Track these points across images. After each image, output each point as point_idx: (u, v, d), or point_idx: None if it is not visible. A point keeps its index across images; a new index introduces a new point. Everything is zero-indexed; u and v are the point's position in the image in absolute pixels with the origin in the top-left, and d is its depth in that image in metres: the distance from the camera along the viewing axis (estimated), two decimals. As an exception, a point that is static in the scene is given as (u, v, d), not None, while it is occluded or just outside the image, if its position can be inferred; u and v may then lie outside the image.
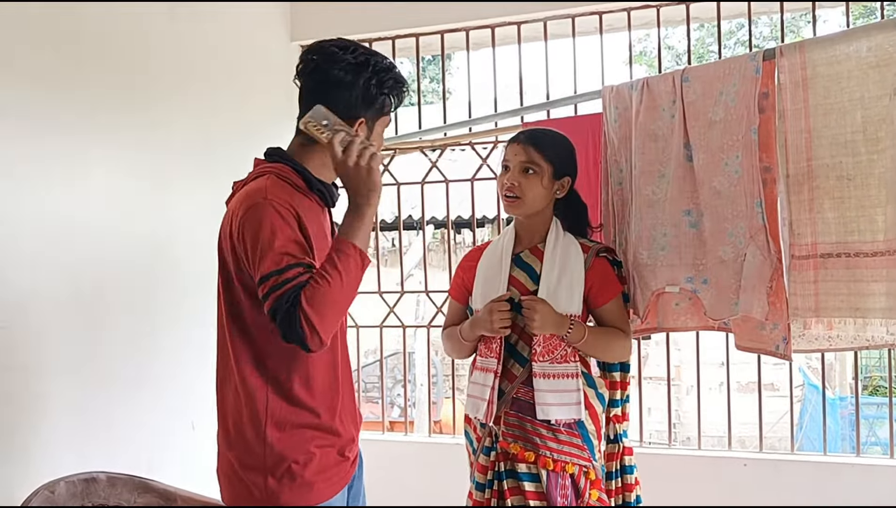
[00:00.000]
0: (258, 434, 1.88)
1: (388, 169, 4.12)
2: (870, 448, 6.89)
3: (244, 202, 1.85)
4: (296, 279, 1.76)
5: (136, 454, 3.00)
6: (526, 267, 2.49)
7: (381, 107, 1.97)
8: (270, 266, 1.76)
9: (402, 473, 3.89)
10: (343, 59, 1.90)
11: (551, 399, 2.37)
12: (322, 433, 1.93)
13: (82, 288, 2.84)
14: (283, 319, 1.72)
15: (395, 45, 4.10)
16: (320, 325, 1.73)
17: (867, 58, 2.17)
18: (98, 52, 2.95)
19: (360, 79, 1.90)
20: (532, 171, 2.42)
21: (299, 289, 1.74)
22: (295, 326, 1.71)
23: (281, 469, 1.88)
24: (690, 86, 2.56)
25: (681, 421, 8.42)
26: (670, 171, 2.61)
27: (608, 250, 2.56)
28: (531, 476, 2.38)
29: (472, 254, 2.66)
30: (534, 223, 2.50)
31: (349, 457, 2.02)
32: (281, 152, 1.98)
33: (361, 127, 1.93)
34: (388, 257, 9.64)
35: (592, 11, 3.73)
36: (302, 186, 1.93)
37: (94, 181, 2.91)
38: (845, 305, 2.25)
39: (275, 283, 1.75)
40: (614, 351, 2.51)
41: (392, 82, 1.95)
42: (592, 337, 2.42)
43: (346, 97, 1.90)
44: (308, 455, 1.90)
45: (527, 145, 2.43)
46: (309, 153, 1.96)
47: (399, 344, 4.27)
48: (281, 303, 1.73)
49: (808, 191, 2.30)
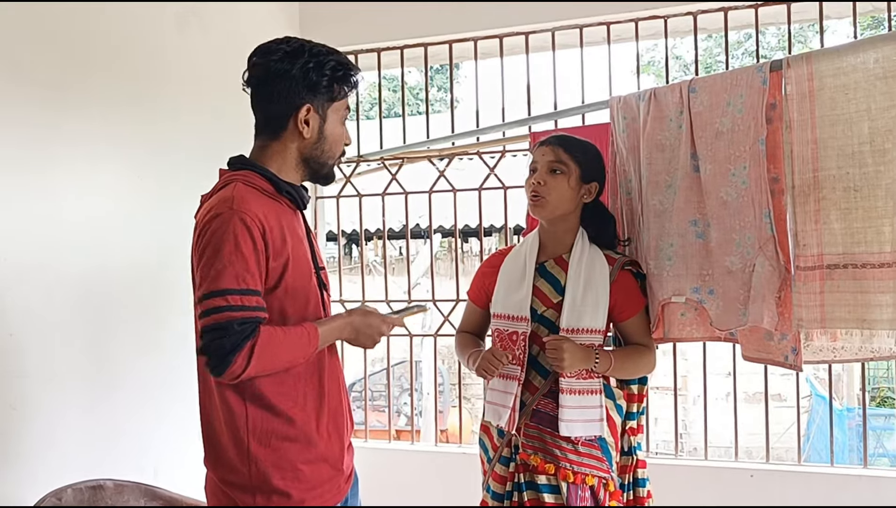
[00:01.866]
0: (241, 450, 1.85)
1: (396, 178, 4.14)
2: (877, 459, 6.86)
3: (210, 211, 1.82)
4: (256, 311, 1.77)
5: (143, 461, 3.01)
6: (550, 278, 2.47)
7: (330, 92, 1.93)
8: (230, 283, 1.74)
9: (408, 482, 3.89)
10: (278, 50, 1.90)
11: (576, 416, 2.37)
12: (307, 446, 1.90)
13: (89, 296, 2.85)
14: (226, 340, 1.71)
15: (403, 55, 4.12)
16: (254, 368, 1.75)
17: (874, 69, 2.16)
18: (106, 61, 2.97)
19: (295, 65, 1.88)
20: (559, 171, 2.42)
21: (258, 323, 1.76)
22: (233, 352, 1.71)
23: (268, 487, 1.84)
24: (697, 96, 2.56)
25: (687, 431, 8.40)
26: (677, 181, 2.61)
27: (633, 263, 2.56)
28: (551, 488, 2.37)
29: (493, 259, 2.64)
30: (559, 231, 2.48)
31: (343, 471, 1.98)
32: (244, 159, 1.96)
33: (311, 114, 1.91)
34: (396, 266, 9.66)
35: (600, 22, 3.74)
36: (270, 190, 1.91)
37: (101, 189, 2.92)
38: (851, 316, 2.25)
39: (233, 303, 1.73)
40: (641, 370, 2.51)
41: (334, 64, 1.92)
42: (619, 363, 2.42)
43: (286, 86, 1.88)
44: (295, 472, 1.87)
45: (555, 146, 2.44)
46: (269, 157, 1.94)
47: (406, 353, 4.26)
48: (232, 325, 1.72)
49: (815, 202, 2.30)
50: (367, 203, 4.27)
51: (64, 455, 2.70)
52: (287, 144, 1.93)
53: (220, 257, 1.75)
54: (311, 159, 1.97)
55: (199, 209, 1.93)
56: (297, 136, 1.92)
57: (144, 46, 3.17)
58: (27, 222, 2.60)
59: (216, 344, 1.72)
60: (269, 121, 1.93)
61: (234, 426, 1.85)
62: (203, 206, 1.92)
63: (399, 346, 4.49)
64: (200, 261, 1.79)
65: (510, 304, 2.46)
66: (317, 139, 1.94)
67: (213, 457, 1.91)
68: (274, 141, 1.93)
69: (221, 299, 1.73)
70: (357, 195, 4.23)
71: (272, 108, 1.91)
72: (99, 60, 2.93)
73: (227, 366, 1.72)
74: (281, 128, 1.92)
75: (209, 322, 1.73)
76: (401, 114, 4.24)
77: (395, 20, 4.00)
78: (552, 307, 2.43)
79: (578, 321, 2.38)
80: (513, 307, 2.46)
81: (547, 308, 2.44)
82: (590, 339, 2.39)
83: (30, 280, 2.61)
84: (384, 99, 4.29)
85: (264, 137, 1.95)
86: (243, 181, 1.87)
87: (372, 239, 9.83)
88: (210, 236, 1.77)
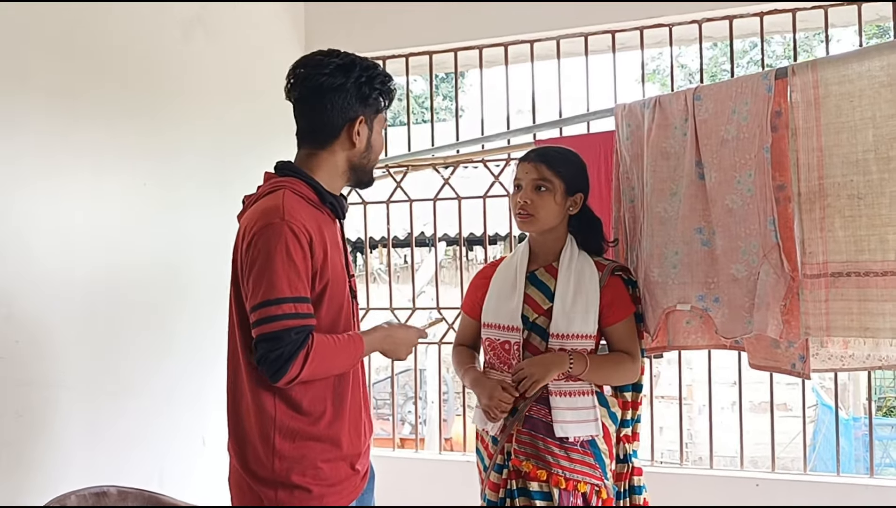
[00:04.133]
0: (268, 446, 1.91)
1: (401, 186, 4.14)
2: (884, 469, 6.83)
3: (260, 219, 1.86)
4: (308, 318, 1.83)
5: (148, 468, 3.01)
6: (541, 285, 2.48)
7: (377, 105, 2.01)
8: (284, 291, 1.80)
9: (412, 490, 3.88)
10: (330, 63, 1.95)
11: (569, 417, 2.37)
12: (329, 445, 1.95)
13: (96, 304, 2.86)
14: (284, 349, 1.77)
15: (408, 63, 4.13)
16: (307, 374, 1.82)
17: (879, 77, 2.16)
18: (114, 69, 2.98)
19: (350, 78, 1.95)
20: (544, 188, 2.42)
21: (311, 331, 1.83)
22: (290, 360, 1.78)
23: (290, 482, 1.90)
24: (702, 104, 2.56)
25: (693, 441, 8.35)
26: (682, 189, 2.61)
27: (623, 269, 2.56)
28: (543, 495, 2.36)
29: (485, 271, 2.65)
30: (548, 240, 2.50)
31: (359, 470, 2.03)
32: (292, 166, 2.00)
33: (362, 126, 1.98)
34: (401, 274, 9.65)
35: (605, 30, 3.75)
36: (315, 199, 1.96)
37: (108, 197, 2.92)
38: (855, 324, 2.24)
39: (287, 312, 1.79)
40: (620, 377, 2.49)
41: (382, 78, 2.01)
42: (596, 365, 2.40)
43: (342, 99, 1.94)
44: (316, 469, 1.92)
45: (538, 163, 2.44)
46: (317, 165, 2.00)
47: (410, 362, 4.25)
48: (289, 334, 1.78)
49: (820, 209, 2.29)
50: (371, 211, 4.27)
51: (69, 462, 2.69)
52: (336, 153, 2.00)
53: (273, 265, 1.80)
54: (359, 168, 2.05)
55: (244, 211, 2.00)
56: (349, 146, 1.99)
57: (151, 55, 3.17)
58: (34, 229, 2.61)
59: (274, 355, 1.79)
60: (321, 131, 1.98)
61: (262, 423, 1.92)
62: (248, 209, 1.97)
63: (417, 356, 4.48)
64: (252, 269, 1.84)
65: (501, 313, 2.48)
66: (365, 148, 2.03)
67: (240, 451, 1.96)
68: (322, 150, 1.99)
69: (276, 307, 1.79)
70: (362, 203, 4.23)
71: (325, 119, 1.96)
72: (105, 68, 2.94)
73: (283, 374, 1.79)
74: (332, 137, 1.98)
75: (265, 331, 1.80)
76: (406, 122, 4.24)
77: (399, 28, 4.01)
78: (543, 314, 2.44)
79: (569, 326, 2.39)
80: (504, 317, 2.47)
81: (538, 315, 2.45)
82: (581, 345, 2.40)
83: (36, 288, 2.62)
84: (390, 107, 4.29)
85: (312, 145, 2.00)
86: (291, 189, 1.92)
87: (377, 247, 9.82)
88: (263, 246, 1.82)
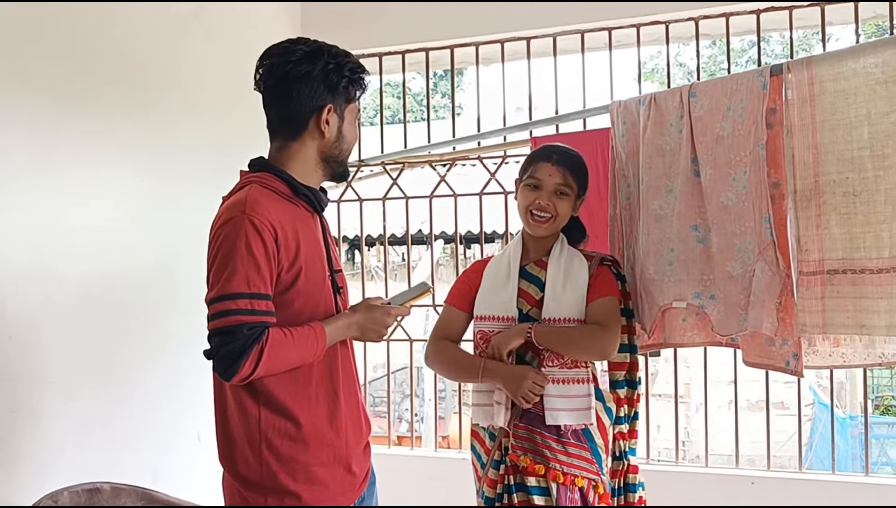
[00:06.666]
0: (254, 452, 1.85)
1: (397, 183, 4.14)
2: (880, 468, 6.84)
3: (224, 214, 1.83)
4: (264, 316, 1.78)
5: (143, 465, 3.00)
6: (532, 278, 2.49)
7: (347, 94, 1.94)
8: (240, 286, 1.75)
9: (408, 488, 3.87)
10: (297, 51, 1.89)
11: (560, 404, 2.36)
12: (319, 448, 1.89)
13: (90, 300, 2.85)
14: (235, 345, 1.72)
15: (405, 60, 4.12)
16: (262, 370, 1.76)
17: (875, 74, 2.15)
18: (111, 66, 2.97)
19: (317, 66, 1.88)
20: (565, 194, 2.45)
21: (267, 327, 1.77)
22: (241, 356, 1.73)
23: (280, 487, 1.84)
24: (698, 101, 2.56)
25: (690, 439, 8.37)
26: (678, 186, 2.61)
27: (613, 261, 2.56)
28: (541, 490, 2.36)
29: (478, 265, 2.64)
30: (546, 238, 2.51)
31: (357, 473, 1.97)
32: (262, 161, 1.96)
33: (331, 115, 1.91)
34: (398, 272, 9.64)
35: (602, 27, 3.74)
36: (288, 193, 1.91)
37: (104, 193, 2.92)
38: (851, 322, 2.23)
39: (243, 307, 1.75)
40: (587, 345, 2.39)
41: (352, 66, 1.94)
42: (558, 331, 2.38)
43: (309, 87, 1.88)
44: (307, 474, 1.87)
45: (563, 169, 2.45)
46: (288, 158, 1.94)
47: (407, 358, 4.25)
48: (241, 329, 1.73)
49: (816, 207, 2.28)
50: (367, 208, 4.27)
51: (63, 458, 2.69)
52: (307, 144, 1.94)
53: (231, 260, 1.76)
54: (331, 159, 1.98)
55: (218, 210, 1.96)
56: (318, 136, 1.93)
57: (148, 52, 3.17)
58: (29, 225, 2.61)
59: (225, 349, 1.74)
60: (288, 121, 1.92)
61: (248, 427, 1.86)
62: (221, 207, 1.93)
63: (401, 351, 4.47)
64: (213, 264, 1.81)
65: (495, 305, 2.47)
66: (336, 139, 1.96)
67: (228, 457, 1.91)
68: (293, 141, 1.93)
69: (231, 302, 1.75)
70: (358, 200, 4.22)
71: (292, 108, 1.90)
72: (103, 65, 2.93)
73: (235, 371, 1.74)
74: (301, 128, 1.92)
75: (218, 325, 1.75)
76: (403, 120, 4.24)
77: (396, 25, 4.00)
78: (536, 305, 2.45)
79: (559, 310, 2.40)
80: (498, 308, 2.46)
81: (532, 307, 2.45)
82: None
83: (31, 284, 2.61)
84: (387, 106, 4.29)
85: (282, 137, 1.95)
86: (260, 183, 1.88)
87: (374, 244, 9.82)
88: (222, 240, 1.79)
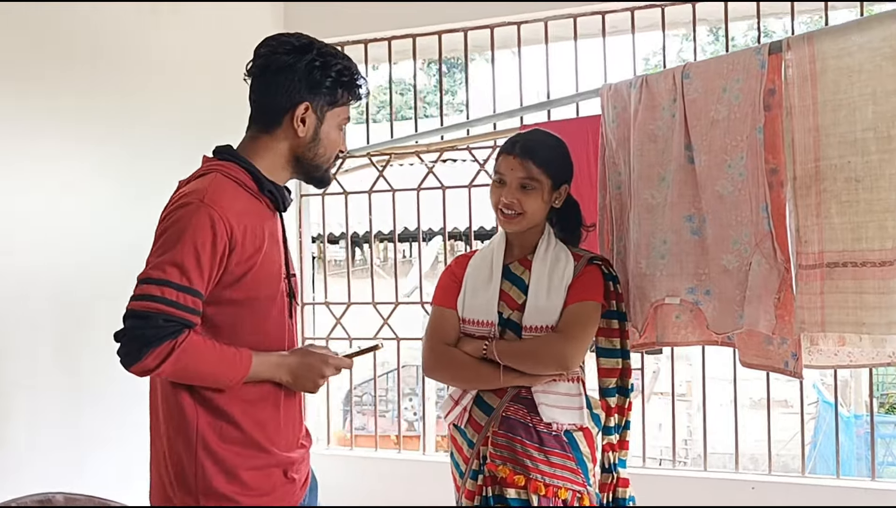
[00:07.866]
0: (189, 452, 1.78)
1: (384, 175, 4.02)
2: (886, 468, 6.77)
3: (180, 199, 1.75)
4: (188, 313, 1.70)
5: (112, 470, 2.93)
6: (515, 279, 2.34)
7: (332, 96, 1.88)
8: (172, 275, 1.67)
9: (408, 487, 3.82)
10: (287, 43, 1.86)
11: (552, 401, 2.23)
12: (258, 453, 1.83)
13: (59, 297, 2.80)
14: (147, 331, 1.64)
15: (391, 46, 4.01)
16: (169, 371, 1.68)
17: (882, 49, 2.00)
18: (83, 56, 2.92)
19: (301, 60, 1.83)
20: (531, 187, 2.25)
21: (187, 326, 1.69)
22: (148, 346, 1.64)
23: (213, 490, 1.78)
24: (692, 83, 2.43)
25: (692, 438, 8.29)
26: (670, 174, 2.48)
27: (604, 261, 2.38)
28: (520, 502, 2.21)
29: (461, 260, 2.48)
30: (527, 234, 2.35)
31: (295, 479, 1.92)
32: (231, 150, 1.88)
33: (308, 113, 1.85)
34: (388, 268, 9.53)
35: (595, 11, 3.62)
36: (252, 187, 1.84)
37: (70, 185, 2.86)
38: (850, 319, 2.08)
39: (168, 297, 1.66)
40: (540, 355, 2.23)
41: (341, 68, 1.88)
42: (517, 345, 2.25)
43: (288, 80, 1.83)
44: (243, 478, 1.80)
45: (524, 160, 2.25)
46: (258, 150, 1.88)
47: (404, 358, 4.14)
48: (157, 318, 1.65)
49: (816, 194, 2.14)
50: (353, 201, 4.14)
51: (25, 464, 2.62)
52: (279, 140, 1.88)
53: (174, 247, 1.69)
54: (304, 160, 1.91)
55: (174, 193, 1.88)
56: (292, 134, 1.87)
57: (123, 44, 3.11)
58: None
59: (134, 333, 1.65)
60: (264, 113, 1.87)
61: (184, 430, 1.79)
62: (177, 190, 1.85)
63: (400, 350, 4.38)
64: (155, 244, 1.73)
65: (476, 308, 2.33)
66: (311, 140, 1.89)
67: (159, 456, 1.84)
68: (265, 135, 1.87)
69: (157, 288, 1.66)
70: (343, 193, 4.11)
71: (269, 100, 1.85)
72: (71, 52, 2.87)
73: (137, 359, 1.65)
74: (275, 122, 1.86)
75: (136, 307, 1.66)
76: (389, 109, 4.12)
77: (382, 10, 3.89)
78: (517, 309, 2.30)
79: (541, 319, 2.26)
80: (479, 311, 2.32)
81: (513, 311, 2.31)
82: None
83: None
84: (374, 96, 4.17)
85: (256, 129, 1.89)
86: (224, 173, 1.80)
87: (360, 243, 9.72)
88: (171, 224, 1.72)
